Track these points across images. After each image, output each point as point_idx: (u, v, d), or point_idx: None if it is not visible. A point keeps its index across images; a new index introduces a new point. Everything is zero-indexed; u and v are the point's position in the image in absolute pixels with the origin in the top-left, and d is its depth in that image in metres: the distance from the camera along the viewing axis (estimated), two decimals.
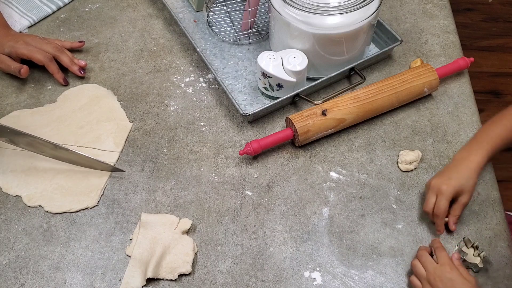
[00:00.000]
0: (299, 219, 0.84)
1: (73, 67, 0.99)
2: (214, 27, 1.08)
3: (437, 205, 0.79)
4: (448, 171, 0.81)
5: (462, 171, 0.80)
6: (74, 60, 1.00)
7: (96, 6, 1.13)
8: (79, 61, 1.00)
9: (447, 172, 0.81)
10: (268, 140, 0.88)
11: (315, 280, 0.78)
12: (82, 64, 1.00)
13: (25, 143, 0.86)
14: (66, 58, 0.99)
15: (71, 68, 0.99)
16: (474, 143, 0.83)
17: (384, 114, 0.95)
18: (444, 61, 1.03)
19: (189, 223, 0.81)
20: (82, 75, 0.99)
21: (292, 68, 0.90)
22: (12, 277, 0.78)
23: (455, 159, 0.83)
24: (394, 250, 0.80)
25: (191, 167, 0.89)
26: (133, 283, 0.75)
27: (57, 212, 0.84)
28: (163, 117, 0.96)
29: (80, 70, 0.99)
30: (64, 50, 1.00)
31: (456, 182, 0.78)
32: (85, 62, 1.01)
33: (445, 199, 0.78)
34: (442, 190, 0.78)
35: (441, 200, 0.78)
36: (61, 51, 0.99)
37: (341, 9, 0.86)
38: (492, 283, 0.77)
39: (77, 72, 0.99)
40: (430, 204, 0.80)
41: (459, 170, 0.80)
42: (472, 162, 0.80)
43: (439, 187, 0.79)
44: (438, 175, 0.82)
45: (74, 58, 1.00)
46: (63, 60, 0.99)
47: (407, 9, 1.13)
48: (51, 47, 0.98)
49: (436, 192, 0.79)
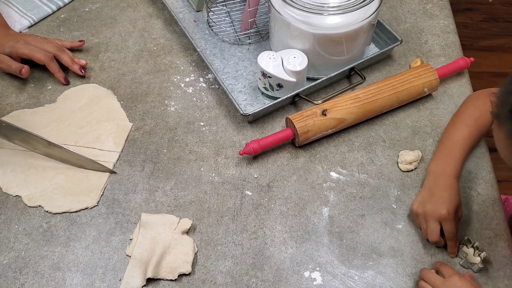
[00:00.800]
0: (299, 219, 0.84)
1: (73, 66, 0.99)
2: (214, 27, 1.08)
3: (448, 230, 0.77)
4: (436, 192, 0.79)
5: (449, 189, 0.78)
6: (75, 59, 1.00)
7: (96, 6, 1.13)
8: (80, 60, 1.00)
9: (437, 196, 0.78)
10: (268, 140, 0.88)
11: (315, 280, 0.78)
12: (83, 63, 1.00)
13: (19, 139, 0.87)
14: (67, 57, 0.99)
15: (71, 67, 0.99)
16: (445, 153, 0.83)
17: (384, 114, 0.95)
18: (444, 61, 1.03)
19: (189, 223, 0.81)
20: (83, 74, 0.99)
21: (292, 68, 0.90)
22: (12, 277, 0.78)
23: (432, 173, 0.82)
24: (394, 250, 0.80)
25: (191, 167, 0.89)
26: (133, 283, 0.75)
27: (57, 212, 0.84)
28: (163, 117, 0.96)
29: (80, 69, 0.99)
30: (65, 49, 1.00)
31: (452, 204, 0.77)
32: (85, 61, 1.01)
33: (452, 222, 0.77)
34: (445, 215, 0.76)
35: (450, 225, 0.77)
36: (62, 50, 0.99)
37: (341, 9, 0.86)
38: (492, 283, 0.77)
39: (78, 71, 0.99)
40: (436, 234, 0.77)
41: (445, 190, 0.78)
42: (451, 177, 0.80)
43: (440, 214, 0.76)
44: (427, 200, 0.79)
45: (74, 57, 1.00)
46: (64, 60, 0.99)
47: (407, 9, 1.13)
48: (51, 47, 0.98)
49: (437, 219, 0.77)
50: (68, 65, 0.99)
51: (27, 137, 0.86)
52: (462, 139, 0.83)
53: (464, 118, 0.86)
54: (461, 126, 0.85)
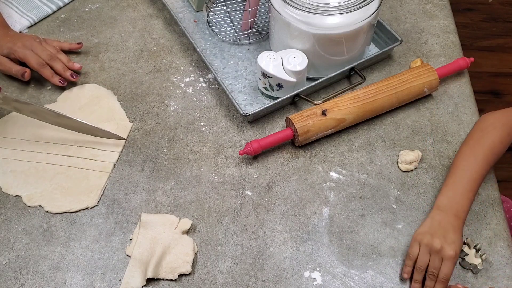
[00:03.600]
0: (299, 219, 0.84)
1: (65, 73, 0.97)
2: (214, 27, 1.08)
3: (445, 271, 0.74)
4: (446, 230, 0.76)
5: (457, 232, 0.76)
6: (69, 64, 0.99)
7: (96, 6, 1.13)
8: (74, 65, 0.99)
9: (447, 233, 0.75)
10: (268, 140, 0.88)
11: (315, 280, 0.78)
12: (77, 67, 0.99)
13: (29, 111, 0.90)
14: (59, 65, 0.98)
15: (63, 74, 0.97)
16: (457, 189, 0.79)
17: (384, 114, 0.95)
18: (444, 61, 1.03)
19: (189, 223, 0.81)
20: (74, 79, 0.98)
21: (292, 68, 0.90)
22: (12, 277, 0.78)
23: (442, 211, 0.78)
24: (394, 250, 0.80)
25: (191, 167, 0.89)
26: (133, 283, 0.75)
27: (57, 212, 0.84)
28: (163, 117, 0.96)
29: (72, 75, 0.98)
30: (59, 55, 0.99)
31: (459, 248, 0.75)
32: (79, 65, 1.00)
33: (454, 265, 0.74)
34: (452, 257, 0.74)
35: (450, 267, 0.74)
36: (55, 58, 0.98)
37: (341, 9, 0.86)
38: (492, 283, 0.77)
39: (69, 77, 0.98)
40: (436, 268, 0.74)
41: (456, 231, 0.75)
42: (461, 220, 0.77)
43: (449, 253, 0.73)
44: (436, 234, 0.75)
45: (69, 61, 0.99)
46: (56, 68, 0.97)
47: (407, 9, 1.13)
48: (45, 55, 0.97)
49: (443, 256, 0.74)
50: (60, 73, 0.97)
51: (36, 110, 0.89)
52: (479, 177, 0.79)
53: (483, 150, 0.81)
54: (479, 160, 0.80)
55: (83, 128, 0.90)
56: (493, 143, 0.81)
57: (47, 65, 0.97)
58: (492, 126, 0.83)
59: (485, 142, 0.82)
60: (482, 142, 0.82)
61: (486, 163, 0.80)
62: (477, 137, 0.83)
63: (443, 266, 0.74)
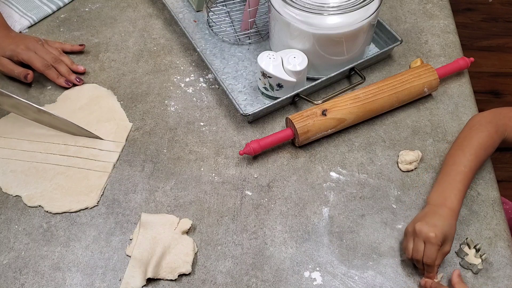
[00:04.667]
0: (299, 219, 0.84)
1: (70, 77, 0.98)
2: (214, 27, 1.08)
3: (427, 253, 0.74)
4: (430, 217, 0.76)
5: (445, 218, 0.76)
6: (73, 66, 0.99)
7: (96, 6, 1.13)
8: (78, 67, 1.00)
9: (430, 219, 0.76)
10: (268, 140, 0.88)
11: (315, 280, 0.78)
12: (81, 69, 1.00)
13: (9, 105, 0.89)
14: (64, 68, 0.98)
15: (68, 77, 0.98)
16: (446, 183, 0.80)
17: (384, 114, 0.95)
18: (444, 61, 1.03)
19: (189, 223, 0.81)
20: (79, 83, 0.99)
21: (292, 68, 0.90)
22: (12, 277, 0.78)
23: (431, 204, 0.78)
24: (394, 250, 0.80)
25: (191, 167, 0.89)
26: (133, 283, 0.75)
27: (57, 212, 0.84)
28: (163, 117, 0.96)
29: (76, 78, 0.98)
30: (62, 58, 0.99)
31: (442, 230, 0.74)
32: (83, 68, 1.00)
33: (435, 247, 0.74)
34: (431, 238, 0.73)
35: (431, 249, 0.74)
36: (59, 61, 0.98)
37: (341, 9, 0.86)
38: (492, 283, 0.77)
39: (74, 81, 0.98)
40: (420, 252, 0.74)
41: (441, 218, 0.76)
42: (450, 210, 0.77)
43: (427, 235, 0.73)
44: (420, 220, 0.76)
45: (73, 63, 1.00)
46: (61, 70, 0.98)
47: (407, 9, 1.13)
48: (49, 57, 0.97)
49: (423, 239, 0.74)
50: (65, 76, 0.98)
51: (17, 104, 0.88)
52: (468, 170, 0.80)
53: (471, 145, 0.82)
54: (467, 154, 0.81)
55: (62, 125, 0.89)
56: (480, 138, 0.82)
57: (52, 67, 0.97)
58: (479, 124, 0.84)
59: (473, 137, 0.83)
60: (470, 138, 0.83)
61: (475, 156, 0.81)
62: (464, 135, 0.85)
63: (425, 249, 0.74)
